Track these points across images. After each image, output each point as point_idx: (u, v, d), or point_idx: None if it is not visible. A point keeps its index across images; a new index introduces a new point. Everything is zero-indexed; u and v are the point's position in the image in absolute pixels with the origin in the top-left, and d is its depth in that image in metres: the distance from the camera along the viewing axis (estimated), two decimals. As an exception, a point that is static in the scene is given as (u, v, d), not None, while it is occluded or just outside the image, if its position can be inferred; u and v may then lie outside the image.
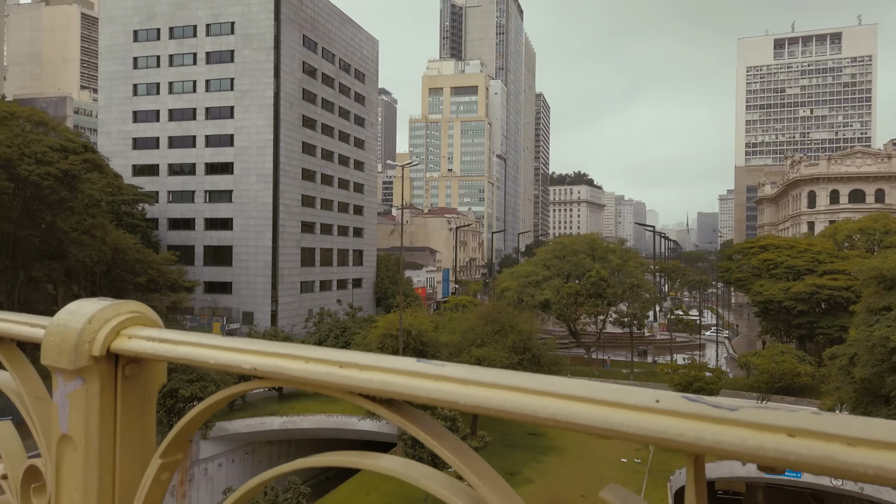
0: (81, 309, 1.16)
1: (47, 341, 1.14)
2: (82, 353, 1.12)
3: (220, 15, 73.98)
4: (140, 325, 1.17)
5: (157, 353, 1.11)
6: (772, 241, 64.01)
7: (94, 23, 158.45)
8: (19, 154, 41.41)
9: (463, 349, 37.86)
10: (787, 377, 42.68)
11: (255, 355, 0.99)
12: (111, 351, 1.14)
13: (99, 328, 1.14)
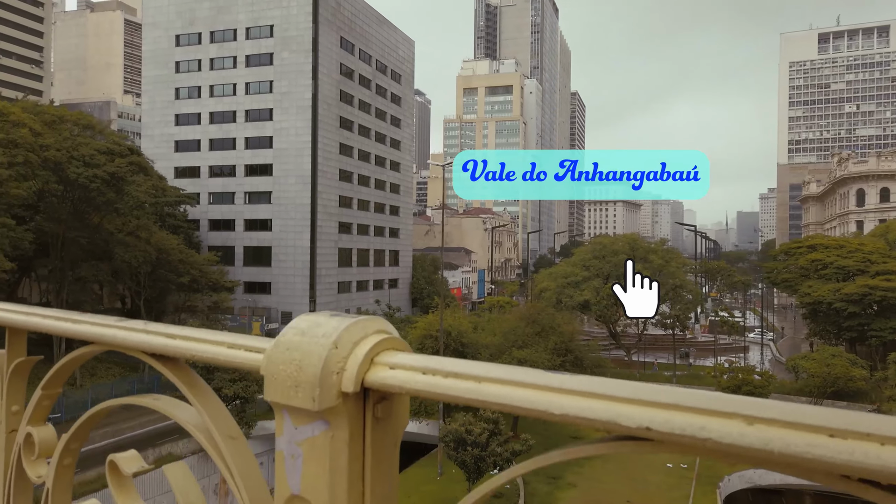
0: (317, 327, 0.88)
1: (274, 370, 0.87)
2: (329, 389, 0.83)
3: (259, 18, 74.89)
4: (392, 348, 0.88)
5: (428, 389, 0.79)
6: (820, 241, 62.06)
7: (136, 28, 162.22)
8: (68, 157, 42.38)
9: (504, 350, 37.46)
10: (840, 381, 41.19)
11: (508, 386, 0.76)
12: (364, 385, 0.84)
13: (348, 354, 0.85)
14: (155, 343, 1.10)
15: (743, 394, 22.22)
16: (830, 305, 53.24)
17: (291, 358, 0.85)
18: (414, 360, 0.82)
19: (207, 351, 1.02)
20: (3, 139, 38.79)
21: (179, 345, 1.06)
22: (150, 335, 1.11)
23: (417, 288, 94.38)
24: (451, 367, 0.78)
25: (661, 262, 62.13)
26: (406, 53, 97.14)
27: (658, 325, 61.71)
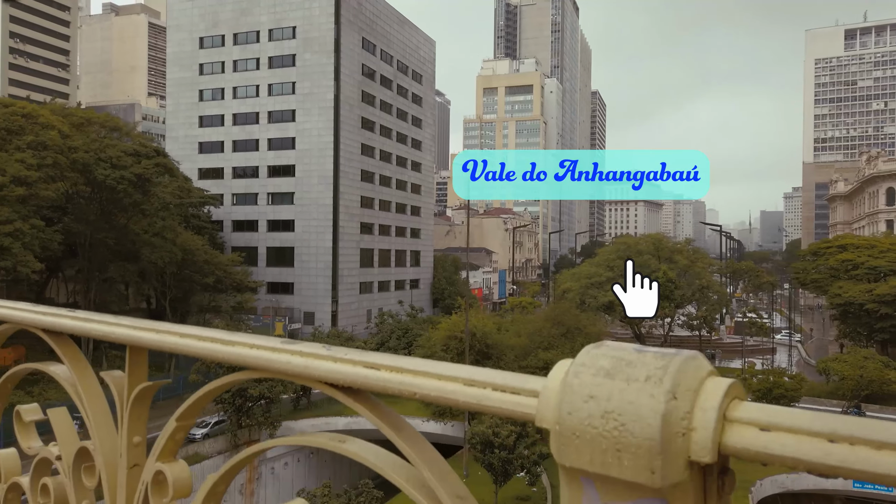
0: (630, 367, 0.64)
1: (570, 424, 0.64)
2: (674, 458, 0.59)
3: (282, 20, 75.21)
4: (737, 397, 0.63)
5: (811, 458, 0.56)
6: (851, 241, 60.84)
7: (160, 32, 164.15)
8: (96, 159, 42.85)
9: (530, 352, 37.11)
10: (875, 384, 40.24)
11: None
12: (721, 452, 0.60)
13: (691, 408, 0.61)
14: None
15: (775, 397, 21.71)
16: (862, 307, 52.15)
17: (602, 410, 0.61)
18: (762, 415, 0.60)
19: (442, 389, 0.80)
20: (32, 141, 39.31)
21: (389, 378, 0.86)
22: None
23: (438, 288, 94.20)
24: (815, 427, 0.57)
25: (686, 262, 61.30)
26: (427, 54, 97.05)
27: (685, 326, 60.85)
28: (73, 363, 1.41)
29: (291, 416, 43.75)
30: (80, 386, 1.33)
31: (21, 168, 36.99)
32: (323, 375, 0.91)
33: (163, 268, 49.09)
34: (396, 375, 0.84)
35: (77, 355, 1.39)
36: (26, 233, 36.44)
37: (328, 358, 0.92)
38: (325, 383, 0.93)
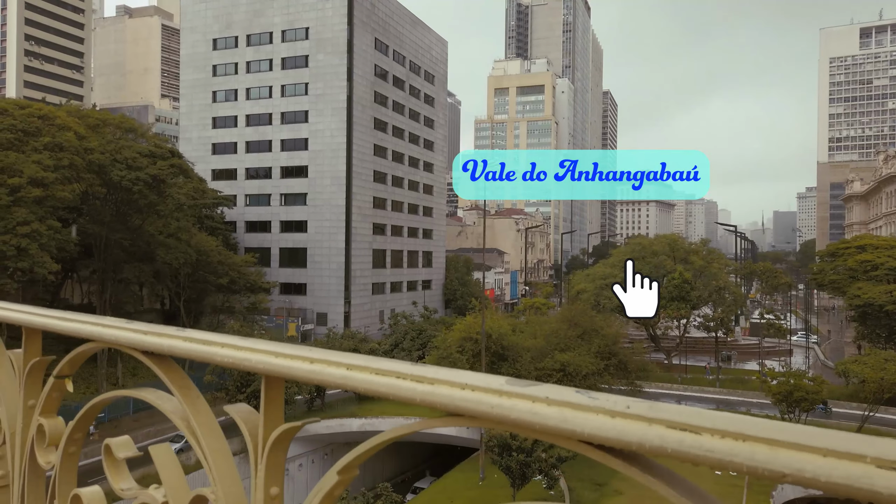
0: None
1: None
2: None
3: (295, 21, 75.27)
4: None
5: None
6: (870, 242, 60.00)
7: (173, 34, 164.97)
8: (111, 160, 42.94)
9: (546, 353, 36.77)
10: (897, 388, 39.54)
11: None
12: None
13: None
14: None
15: (795, 400, 21.06)
16: (882, 308, 51.37)
17: None
18: None
19: None
20: (49, 143, 39.44)
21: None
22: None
23: (450, 289, 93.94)
24: None
25: (702, 262, 60.70)
26: (439, 54, 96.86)
27: (701, 327, 60.24)
28: (183, 393, 1.26)
29: (306, 417, 43.65)
30: (194, 421, 1.20)
31: (38, 169, 37.11)
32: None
33: (177, 269, 49.16)
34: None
35: (188, 383, 1.27)
36: (43, 234, 36.55)
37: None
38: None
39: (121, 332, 1.29)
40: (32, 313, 1.57)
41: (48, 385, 1.53)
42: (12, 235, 35.26)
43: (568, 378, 34.53)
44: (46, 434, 1.48)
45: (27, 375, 1.61)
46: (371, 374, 0.98)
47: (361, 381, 0.99)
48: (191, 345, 1.19)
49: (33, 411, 1.58)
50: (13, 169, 36.61)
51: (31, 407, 1.60)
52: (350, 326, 69.20)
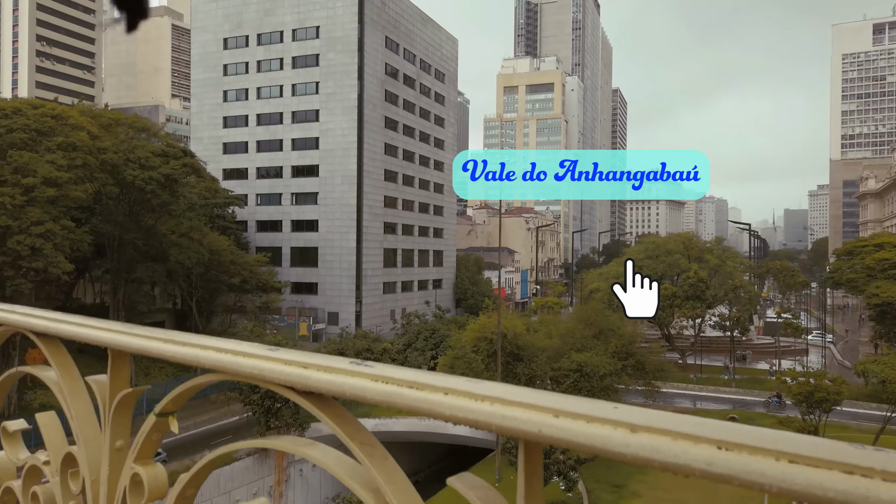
0: None
1: None
2: None
3: (305, 20, 75.11)
4: None
5: None
6: (888, 240, 59.16)
7: (183, 34, 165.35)
8: (124, 160, 42.88)
9: (563, 353, 36.37)
10: (919, 388, 38.85)
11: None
12: None
13: None
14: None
15: (816, 400, 20.43)
16: (901, 307, 50.65)
17: None
18: None
19: None
20: (62, 142, 39.38)
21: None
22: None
23: (461, 288, 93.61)
24: None
25: (717, 261, 60.06)
26: (450, 52, 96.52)
27: (716, 327, 59.62)
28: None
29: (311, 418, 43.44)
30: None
31: (51, 169, 37.05)
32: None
33: (190, 268, 49.08)
34: None
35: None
36: (57, 234, 36.49)
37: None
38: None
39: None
40: (122, 332, 1.25)
41: (148, 424, 1.21)
42: (26, 235, 35.21)
43: (585, 378, 34.14)
44: (146, 488, 1.19)
45: (115, 411, 1.30)
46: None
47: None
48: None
49: (124, 456, 1.28)
50: (27, 169, 36.57)
51: (118, 450, 1.30)
52: (361, 326, 68.98)
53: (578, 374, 34.42)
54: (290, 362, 0.96)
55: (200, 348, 1.10)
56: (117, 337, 1.25)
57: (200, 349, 1.10)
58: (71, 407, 1.37)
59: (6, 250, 35.11)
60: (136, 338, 1.23)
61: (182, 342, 1.14)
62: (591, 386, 34.15)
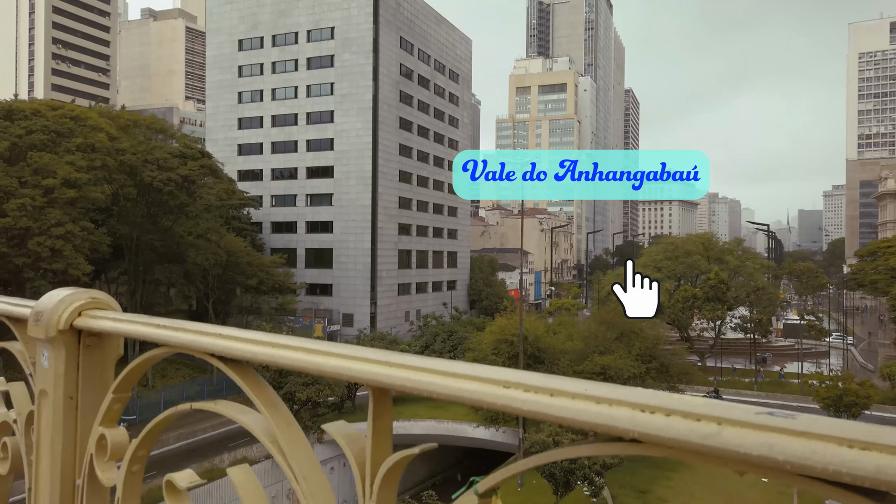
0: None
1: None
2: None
3: (320, 21, 74.95)
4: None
5: None
6: (913, 240, 58.22)
7: (196, 36, 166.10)
8: (143, 161, 42.80)
9: (586, 356, 35.85)
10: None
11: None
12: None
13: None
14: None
15: (846, 405, 19.78)
16: (927, 309, 49.67)
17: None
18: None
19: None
20: (81, 144, 39.34)
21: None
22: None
23: (476, 290, 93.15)
24: None
25: (737, 262, 59.27)
26: (464, 52, 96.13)
27: (738, 329, 58.77)
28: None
29: (336, 419, 43.07)
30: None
31: (71, 170, 36.99)
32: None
33: (207, 269, 48.95)
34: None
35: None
36: (77, 235, 36.41)
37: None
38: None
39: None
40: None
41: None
42: (46, 237, 35.15)
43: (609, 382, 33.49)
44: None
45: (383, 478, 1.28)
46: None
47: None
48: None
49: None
50: (47, 170, 36.52)
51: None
52: (376, 327, 68.73)
53: (602, 376, 33.88)
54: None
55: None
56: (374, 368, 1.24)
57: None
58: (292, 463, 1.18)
59: (27, 251, 35.07)
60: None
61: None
62: (614, 389, 33.52)
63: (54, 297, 1.45)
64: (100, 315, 1.44)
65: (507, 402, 0.77)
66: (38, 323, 1.43)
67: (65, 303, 1.43)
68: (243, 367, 1.15)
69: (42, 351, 1.47)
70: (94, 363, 1.48)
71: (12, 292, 43.69)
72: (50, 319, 1.42)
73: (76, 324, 1.43)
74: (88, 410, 1.48)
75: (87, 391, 1.48)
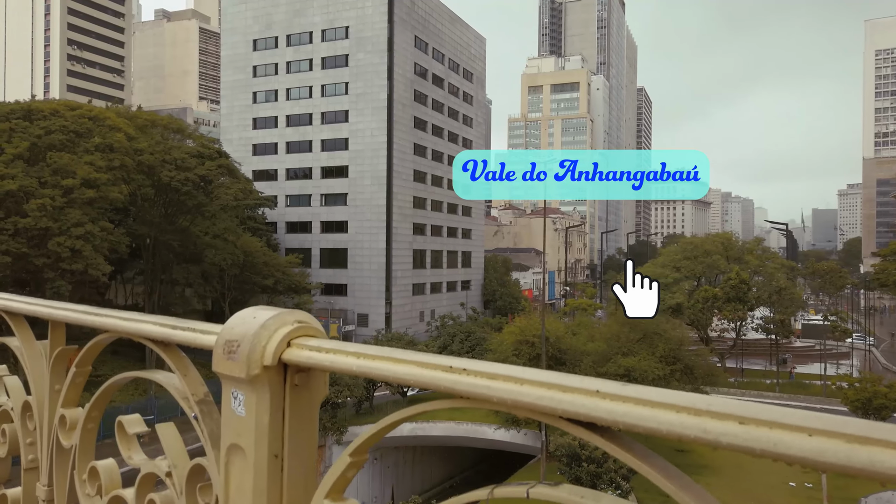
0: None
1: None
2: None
3: (335, 20, 74.77)
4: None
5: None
6: (938, 240, 57.20)
7: (210, 37, 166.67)
8: (161, 161, 42.72)
9: (609, 358, 35.37)
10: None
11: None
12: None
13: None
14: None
15: (875, 407, 19.10)
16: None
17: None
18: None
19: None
20: (100, 144, 39.28)
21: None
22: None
23: (490, 290, 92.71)
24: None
25: (757, 262, 58.49)
26: (478, 51, 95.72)
27: (760, 329, 58.00)
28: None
29: (355, 421, 42.88)
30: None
31: (90, 170, 36.93)
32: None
33: (224, 269, 48.85)
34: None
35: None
36: (96, 235, 36.34)
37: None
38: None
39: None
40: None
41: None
42: (66, 237, 35.10)
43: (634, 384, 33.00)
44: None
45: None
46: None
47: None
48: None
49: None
50: (66, 170, 36.48)
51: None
52: (391, 327, 68.44)
53: (626, 378, 33.37)
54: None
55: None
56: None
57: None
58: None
59: (47, 252, 35.03)
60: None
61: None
62: (639, 391, 33.01)
63: (250, 320, 1.15)
64: (312, 345, 1.12)
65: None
66: (232, 356, 1.12)
67: (268, 328, 1.13)
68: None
69: (234, 392, 1.15)
70: (303, 409, 1.17)
71: (31, 292, 43.76)
72: (252, 352, 1.11)
73: (285, 357, 1.12)
74: (297, 476, 1.16)
75: (295, 448, 1.16)
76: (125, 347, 46.78)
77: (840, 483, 32.30)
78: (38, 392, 1.81)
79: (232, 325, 1.17)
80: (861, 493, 30.85)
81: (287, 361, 1.12)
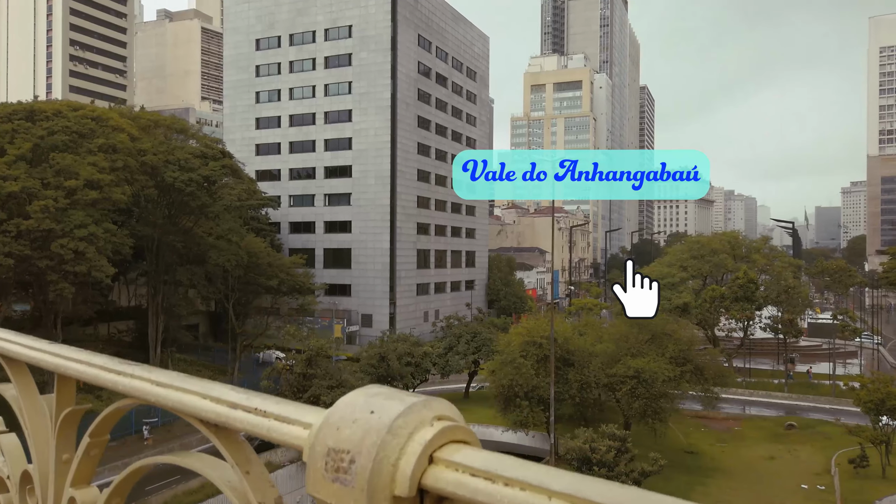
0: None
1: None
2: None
3: (338, 19, 74.40)
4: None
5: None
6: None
7: (212, 37, 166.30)
8: (164, 161, 42.37)
9: (617, 359, 34.94)
10: None
11: None
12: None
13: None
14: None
15: (888, 409, 18.59)
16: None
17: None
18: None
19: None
20: (103, 144, 38.95)
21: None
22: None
23: (494, 289, 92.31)
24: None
25: (765, 261, 58.01)
26: (481, 50, 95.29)
27: (769, 329, 57.50)
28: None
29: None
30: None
31: (94, 171, 36.59)
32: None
33: (228, 270, 48.48)
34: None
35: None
36: (100, 237, 36.00)
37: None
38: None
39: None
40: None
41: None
42: (70, 239, 34.76)
43: (643, 385, 32.72)
44: None
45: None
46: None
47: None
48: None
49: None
50: (69, 171, 36.14)
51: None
52: (395, 327, 68.03)
53: (636, 380, 32.99)
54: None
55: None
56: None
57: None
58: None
59: (50, 254, 34.70)
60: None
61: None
62: (648, 393, 32.68)
63: (366, 415, 0.72)
64: (466, 462, 0.68)
65: None
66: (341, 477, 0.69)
67: (398, 434, 0.70)
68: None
69: None
70: None
71: (34, 295, 43.43)
72: (377, 473, 0.68)
73: (426, 482, 0.69)
74: None
75: None
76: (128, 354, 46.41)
77: (854, 486, 31.89)
78: (41, 461, 1.44)
79: (337, 419, 0.73)
80: (875, 496, 30.43)
81: (428, 488, 0.69)
